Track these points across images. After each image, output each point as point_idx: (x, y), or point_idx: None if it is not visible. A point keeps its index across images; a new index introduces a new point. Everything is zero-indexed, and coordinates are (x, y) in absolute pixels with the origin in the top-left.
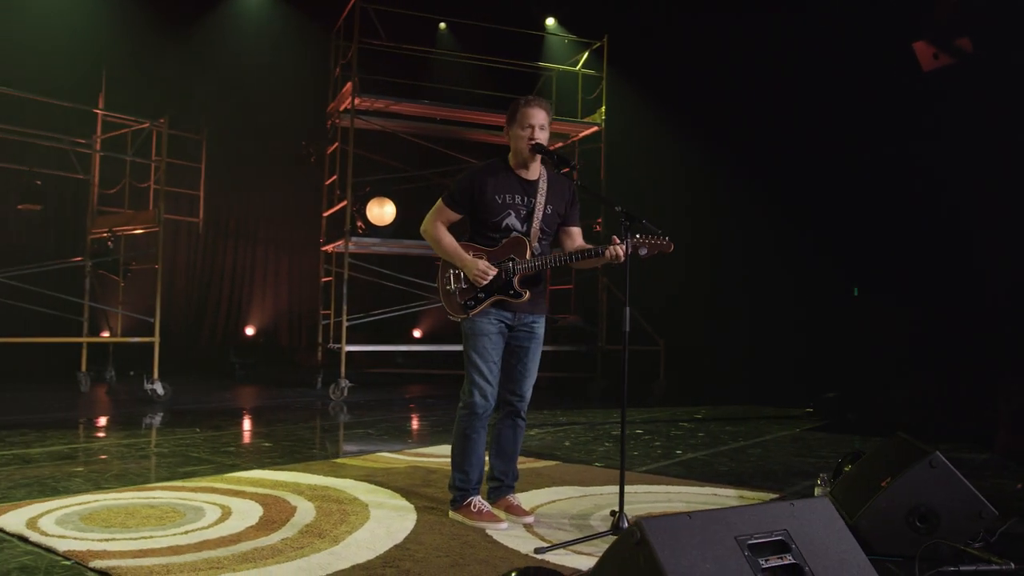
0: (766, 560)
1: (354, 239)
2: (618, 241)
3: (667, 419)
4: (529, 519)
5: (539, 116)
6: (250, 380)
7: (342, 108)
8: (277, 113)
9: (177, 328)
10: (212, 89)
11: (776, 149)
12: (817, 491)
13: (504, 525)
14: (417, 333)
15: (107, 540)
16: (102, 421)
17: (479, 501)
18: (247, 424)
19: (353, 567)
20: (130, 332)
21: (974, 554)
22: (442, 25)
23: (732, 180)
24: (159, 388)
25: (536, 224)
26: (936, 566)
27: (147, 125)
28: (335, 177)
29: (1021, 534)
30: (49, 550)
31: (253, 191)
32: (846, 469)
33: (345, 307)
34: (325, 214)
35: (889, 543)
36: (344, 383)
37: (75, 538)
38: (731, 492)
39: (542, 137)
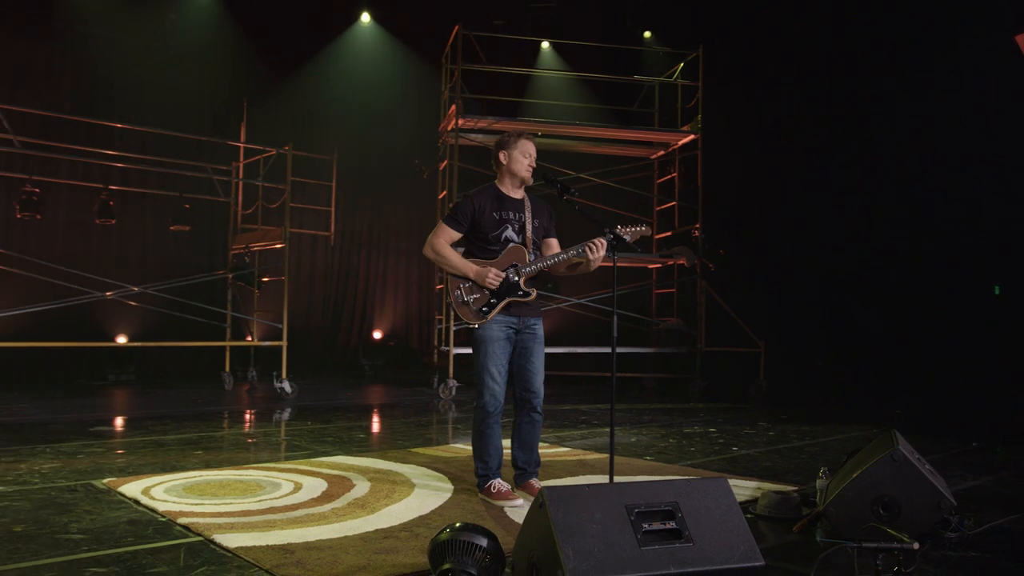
0: (650, 524)
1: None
2: (598, 241)
3: (747, 419)
4: None
5: (534, 148)
6: (377, 380)
7: (449, 128)
8: (400, 133)
9: (315, 332)
10: (340, 114)
11: (890, 148)
12: (818, 483)
13: (519, 502)
14: None
15: (196, 504)
16: (232, 415)
17: (499, 483)
18: (353, 418)
19: (376, 530)
20: (268, 337)
21: (888, 532)
22: (544, 44)
23: (841, 181)
24: (287, 386)
25: (529, 235)
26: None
27: (274, 153)
28: (445, 192)
29: (1011, 529)
30: (152, 510)
31: (380, 205)
32: (844, 462)
33: (452, 312)
34: None
35: (855, 528)
36: (452, 383)
37: (173, 503)
38: (751, 484)
39: (534, 166)
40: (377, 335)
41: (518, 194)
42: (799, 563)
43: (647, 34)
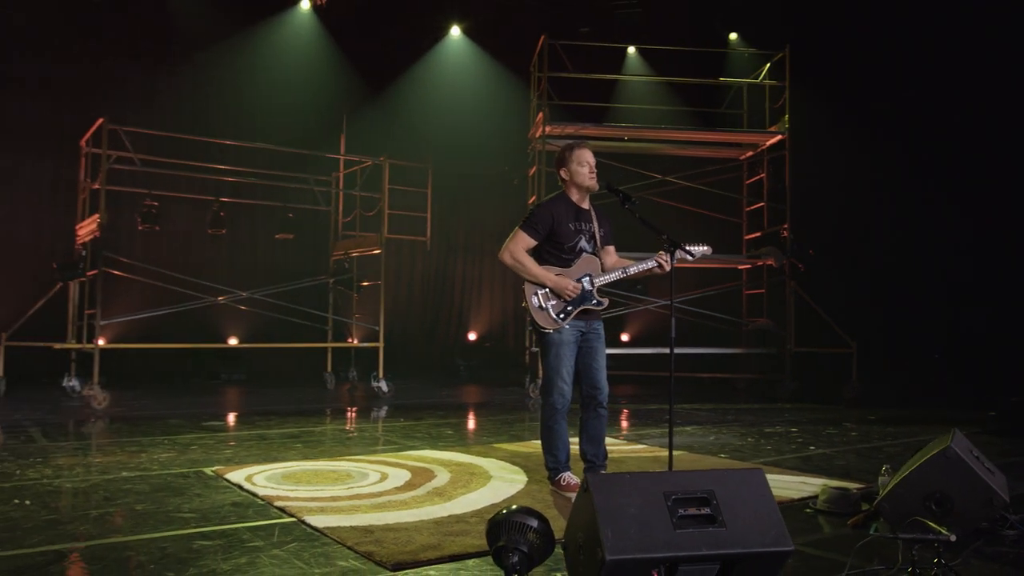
0: (685, 509)
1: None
2: (664, 256)
3: (833, 419)
4: None
5: (592, 156)
6: (471, 380)
7: (537, 135)
8: (491, 141)
9: (413, 334)
10: (434, 124)
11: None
12: (880, 480)
13: None
14: (624, 337)
15: (291, 490)
16: (331, 412)
17: (568, 476)
18: (444, 416)
19: (449, 515)
20: (367, 339)
21: (928, 525)
22: (631, 49)
23: (926, 181)
24: (384, 386)
25: (598, 244)
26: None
27: (370, 163)
28: (535, 197)
29: None
30: (253, 495)
31: (474, 210)
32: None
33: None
34: None
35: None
36: (540, 382)
37: (272, 488)
38: (818, 481)
39: (595, 172)
40: (472, 336)
41: (586, 204)
42: (846, 553)
43: (733, 36)
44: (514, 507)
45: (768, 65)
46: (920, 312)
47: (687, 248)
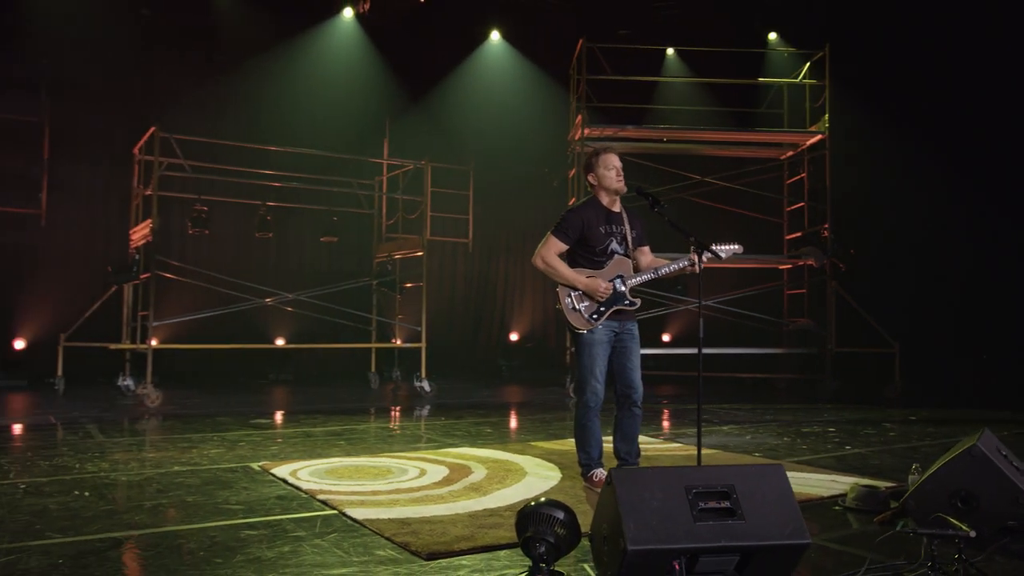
0: (706, 503)
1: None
2: (695, 257)
3: (873, 419)
4: None
5: (618, 160)
6: (513, 380)
7: (576, 137)
8: (532, 144)
9: (456, 334)
10: (475, 127)
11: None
12: (910, 478)
13: None
14: (666, 337)
15: (334, 484)
16: (374, 411)
17: (599, 472)
18: (484, 415)
19: (484, 509)
20: (411, 339)
21: (949, 521)
22: (669, 51)
23: (967, 179)
24: (426, 385)
25: (630, 246)
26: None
27: (412, 167)
28: (574, 199)
29: None
30: (297, 488)
31: (515, 212)
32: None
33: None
34: None
35: None
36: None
37: (315, 483)
38: (849, 479)
39: (622, 175)
40: (514, 337)
41: (617, 207)
42: (868, 549)
43: (772, 36)
44: (542, 499)
45: (808, 64)
46: (965, 311)
47: (714, 248)
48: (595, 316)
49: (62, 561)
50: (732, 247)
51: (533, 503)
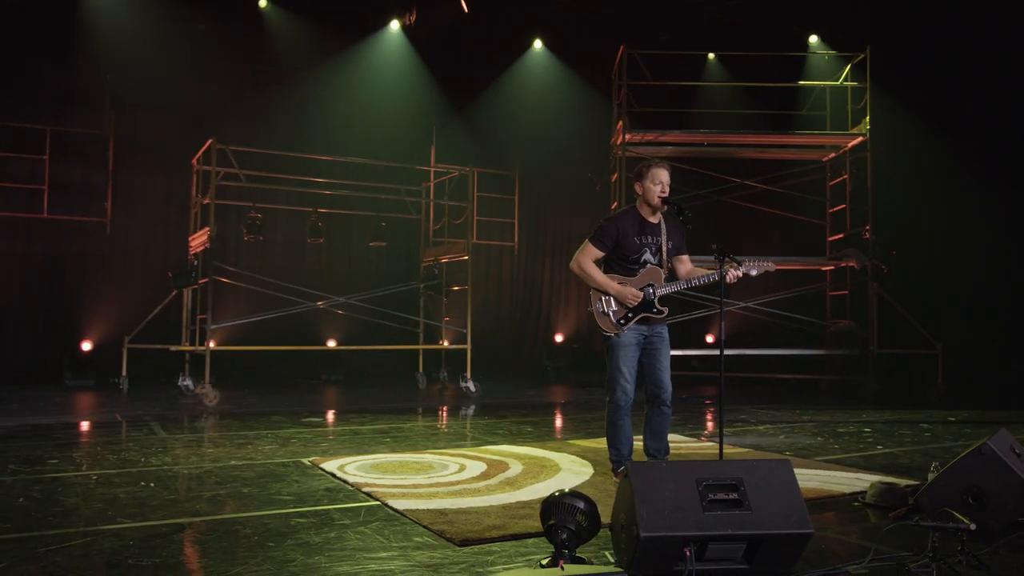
0: (715, 494)
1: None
2: (734, 267)
3: (910, 420)
4: None
5: (666, 175)
6: (558, 381)
7: (618, 142)
8: (575, 148)
9: (502, 336)
10: (520, 133)
11: None
12: (929, 476)
13: None
14: (709, 338)
15: (378, 478)
16: (421, 410)
17: None
18: (526, 414)
19: (517, 502)
20: (457, 341)
21: (952, 515)
22: (710, 55)
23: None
24: (472, 386)
25: (664, 257)
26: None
27: (456, 174)
28: (616, 203)
29: None
30: (344, 481)
31: (559, 216)
32: None
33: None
34: None
35: None
36: None
37: (360, 476)
38: (872, 477)
39: (667, 191)
40: (559, 338)
41: (655, 218)
42: (879, 541)
43: (813, 39)
44: (565, 489)
45: (849, 67)
46: (1008, 313)
47: (746, 265)
48: (623, 321)
49: (132, 543)
50: (765, 264)
51: (557, 493)
